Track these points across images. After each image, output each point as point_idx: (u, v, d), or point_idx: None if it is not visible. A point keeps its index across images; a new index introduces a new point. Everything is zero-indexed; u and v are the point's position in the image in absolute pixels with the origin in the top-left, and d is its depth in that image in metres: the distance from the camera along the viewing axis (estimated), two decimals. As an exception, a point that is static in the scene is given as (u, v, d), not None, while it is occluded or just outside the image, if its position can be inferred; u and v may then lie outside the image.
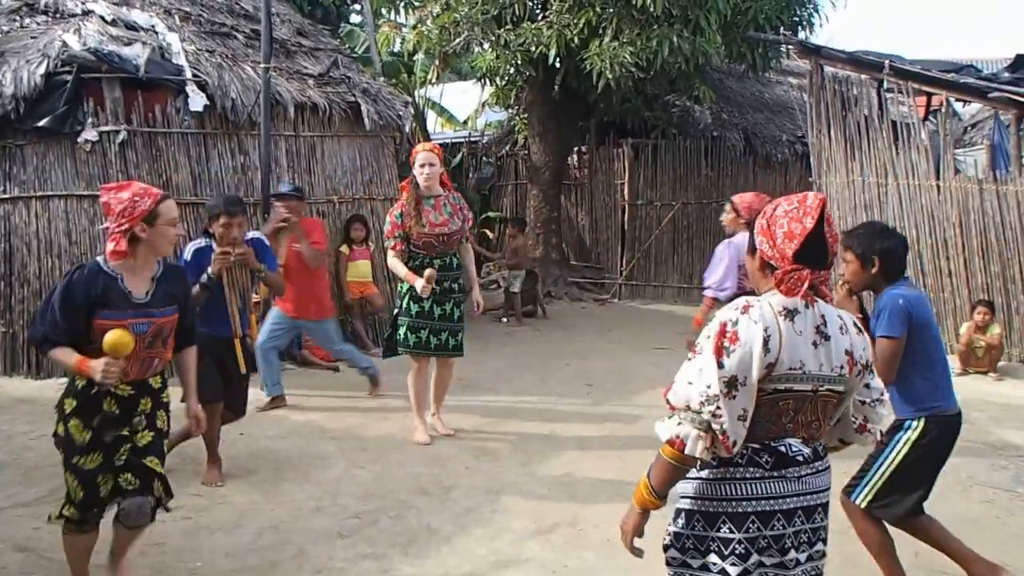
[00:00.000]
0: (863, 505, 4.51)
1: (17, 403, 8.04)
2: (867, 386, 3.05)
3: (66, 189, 8.98)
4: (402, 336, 6.91)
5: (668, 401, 2.83)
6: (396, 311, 7.04)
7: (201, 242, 6.11)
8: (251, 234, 6.26)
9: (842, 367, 2.88)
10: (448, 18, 13.16)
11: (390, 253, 6.89)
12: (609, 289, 15.62)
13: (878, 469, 4.48)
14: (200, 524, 5.42)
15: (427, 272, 6.65)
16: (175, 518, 5.46)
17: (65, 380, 5.04)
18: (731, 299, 7.39)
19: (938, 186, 11.13)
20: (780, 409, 2.83)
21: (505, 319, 12.87)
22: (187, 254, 6.06)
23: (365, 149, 11.18)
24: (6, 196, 9.09)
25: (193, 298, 5.75)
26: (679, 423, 2.81)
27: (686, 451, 2.79)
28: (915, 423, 4.46)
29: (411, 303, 6.86)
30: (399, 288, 7.08)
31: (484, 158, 17.84)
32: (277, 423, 7.54)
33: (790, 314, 2.82)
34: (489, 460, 6.70)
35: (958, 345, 10.11)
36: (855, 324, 2.97)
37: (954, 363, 10.01)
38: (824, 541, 3.01)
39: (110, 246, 4.01)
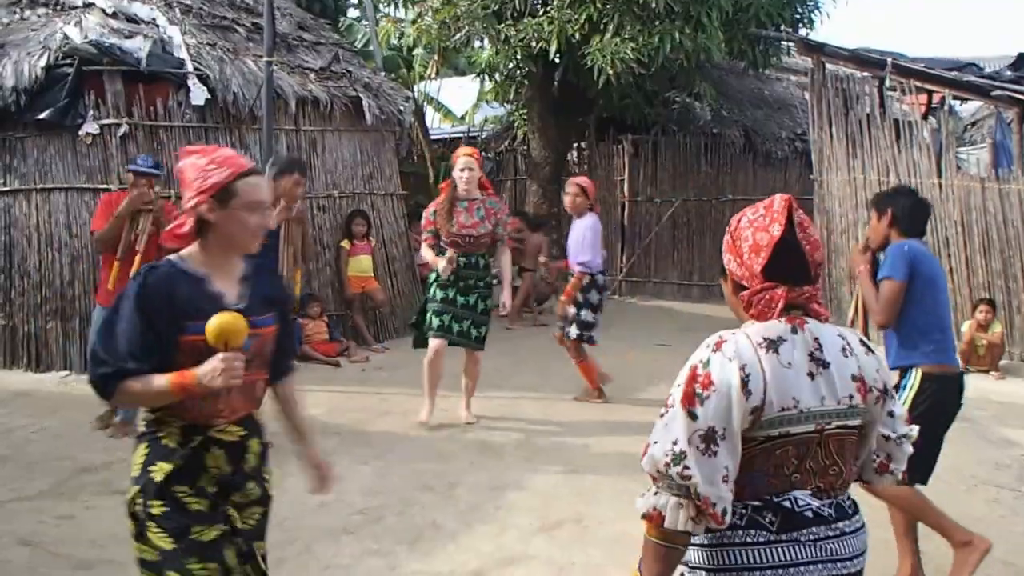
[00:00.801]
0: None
1: (17, 396, 8.02)
2: (891, 415, 2.51)
3: (67, 182, 8.95)
4: (428, 321, 7.27)
5: (644, 469, 2.34)
6: (426, 298, 7.44)
7: None
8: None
9: (851, 396, 2.37)
10: (448, 13, 13.12)
11: (422, 245, 7.42)
12: (609, 286, 15.57)
13: None
14: (204, 519, 5.39)
15: (448, 254, 7.06)
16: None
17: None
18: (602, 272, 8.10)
19: (940, 184, 11.13)
20: (779, 459, 2.33)
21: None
22: None
23: (366, 144, 11.15)
24: (6, 189, 9.07)
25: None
26: (655, 492, 2.31)
27: (666, 525, 2.28)
28: (912, 376, 4.50)
29: (437, 290, 7.26)
30: (427, 277, 7.51)
31: (483, 153, 17.78)
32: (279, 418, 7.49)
33: (773, 344, 2.33)
34: (493, 457, 6.69)
35: (960, 343, 10.10)
36: (862, 343, 2.48)
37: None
38: None
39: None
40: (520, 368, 9.58)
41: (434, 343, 7.25)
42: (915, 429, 2.61)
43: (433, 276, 7.29)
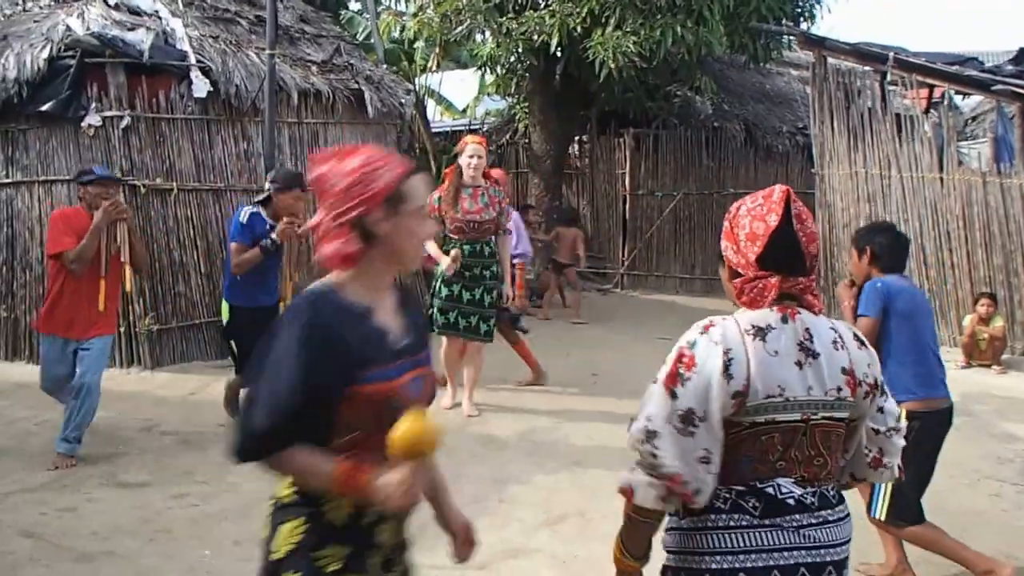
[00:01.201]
0: (883, 519, 4.55)
1: (18, 388, 8.02)
2: (880, 410, 2.54)
3: (69, 174, 8.89)
4: (433, 316, 7.28)
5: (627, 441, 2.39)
6: (431, 293, 7.47)
7: (253, 208, 6.45)
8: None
9: (839, 389, 2.38)
10: (450, 6, 13.08)
11: None
12: (611, 279, 15.61)
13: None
14: (207, 512, 5.40)
15: (452, 252, 7.06)
16: (182, 506, 5.47)
17: None
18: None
19: (941, 179, 11.12)
20: (765, 445, 2.34)
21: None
22: (242, 216, 6.36)
23: (368, 136, 11.12)
24: (9, 180, 9.08)
25: (248, 262, 6.20)
26: (633, 468, 2.37)
27: (635, 501, 2.36)
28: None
29: (442, 287, 7.29)
30: (432, 271, 7.49)
31: (485, 147, 17.78)
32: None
33: (760, 332, 2.35)
34: (495, 450, 6.70)
35: (962, 337, 10.12)
36: (856, 337, 2.50)
37: (958, 356, 10.02)
38: None
39: (330, 248, 2.33)
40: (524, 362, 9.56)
41: (444, 343, 7.35)
42: (903, 420, 2.63)
43: (439, 270, 7.31)
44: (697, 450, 2.28)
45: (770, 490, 2.35)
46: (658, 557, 2.53)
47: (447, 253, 7.13)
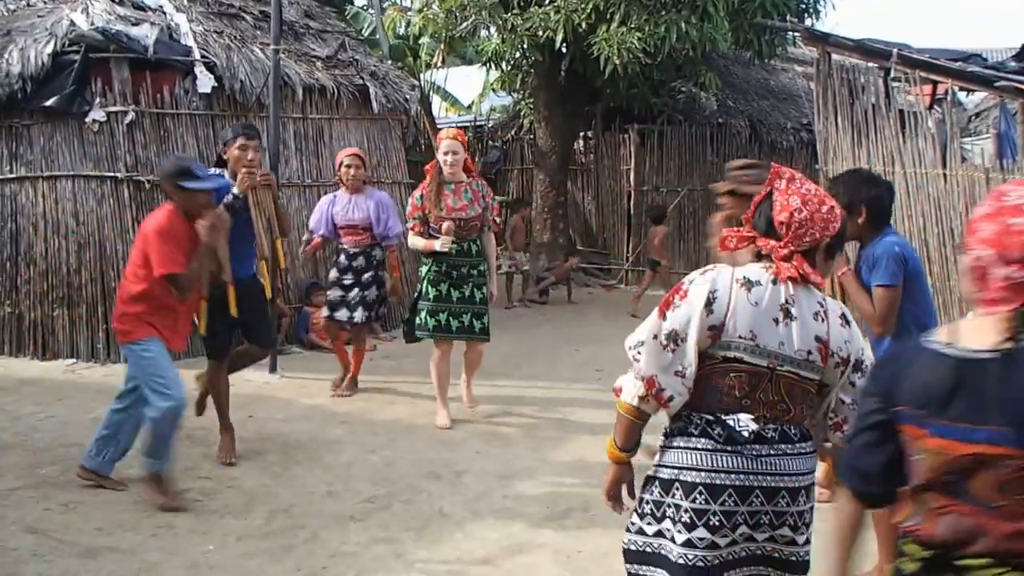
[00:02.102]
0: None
1: (23, 384, 8.04)
2: (852, 384, 2.87)
3: (73, 170, 8.95)
4: (422, 320, 7.01)
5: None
6: (416, 295, 7.20)
7: (213, 170, 6.09)
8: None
9: (809, 352, 2.79)
10: (455, 2, 13.09)
11: (410, 233, 7.06)
12: (615, 275, 15.60)
13: None
14: (210, 508, 5.41)
15: (445, 225, 6.83)
16: (185, 501, 5.46)
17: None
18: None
19: (945, 175, 11.09)
20: (732, 382, 2.80)
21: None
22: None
23: (373, 132, 11.13)
24: (13, 176, 9.08)
25: (218, 222, 5.59)
26: (627, 373, 2.92)
27: (622, 397, 2.91)
28: None
29: (429, 287, 6.99)
30: (419, 272, 7.27)
31: (489, 142, 17.79)
32: (286, 407, 7.53)
33: (748, 283, 2.80)
34: (500, 445, 6.70)
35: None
36: (843, 316, 2.88)
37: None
38: (793, 528, 2.81)
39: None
40: (529, 357, 9.58)
41: (436, 350, 7.09)
42: None
43: (424, 271, 7.07)
44: (676, 364, 2.78)
45: (731, 422, 2.79)
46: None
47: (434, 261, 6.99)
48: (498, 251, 8.14)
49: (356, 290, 7.70)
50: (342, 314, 7.76)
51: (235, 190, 5.89)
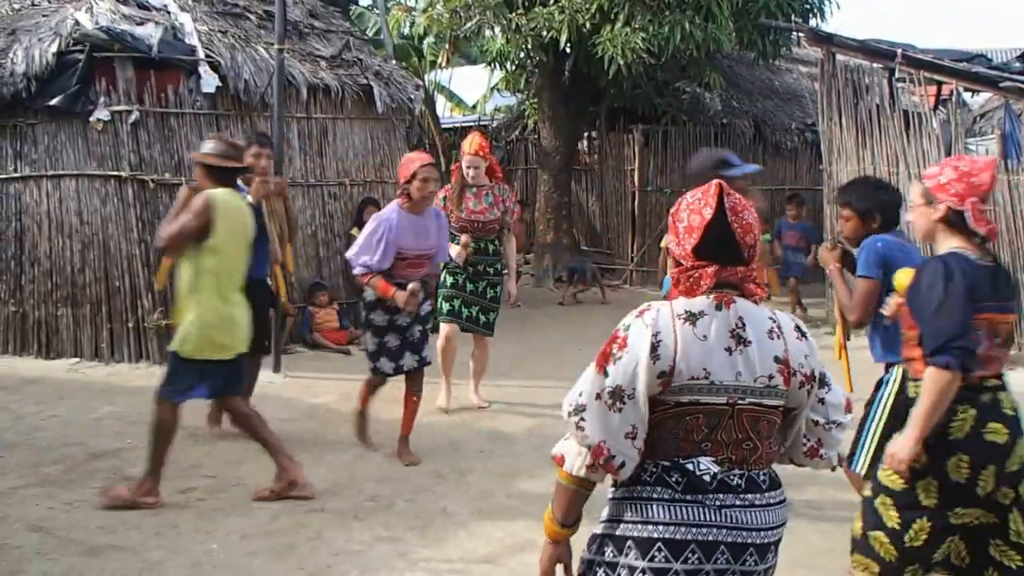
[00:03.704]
0: (861, 472, 4.43)
1: (27, 383, 8.04)
2: (821, 402, 2.65)
3: (77, 169, 8.95)
4: (439, 305, 7.33)
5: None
6: (436, 284, 7.38)
7: None
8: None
9: (771, 376, 2.48)
10: (459, 2, 13.10)
11: None
12: (620, 275, 15.59)
13: (868, 432, 4.42)
14: (214, 506, 5.41)
15: (463, 238, 7.17)
16: (189, 500, 5.48)
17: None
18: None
19: (950, 175, 11.06)
20: (689, 425, 2.46)
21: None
22: None
23: (377, 132, 11.13)
24: (17, 175, 9.08)
25: None
26: (567, 437, 2.56)
27: (564, 468, 2.53)
28: (893, 373, 4.41)
29: (446, 276, 7.34)
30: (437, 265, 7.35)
31: (494, 142, 17.79)
32: (289, 406, 7.52)
33: (692, 317, 2.46)
34: (504, 444, 6.70)
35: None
36: (797, 328, 2.59)
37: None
38: None
39: None
40: (532, 356, 9.59)
41: (445, 327, 7.34)
42: (847, 416, 2.73)
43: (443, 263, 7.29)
44: (624, 425, 2.42)
45: (690, 466, 2.45)
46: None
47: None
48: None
49: (416, 328, 6.22)
50: (386, 364, 6.24)
51: (250, 198, 5.99)
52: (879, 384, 4.47)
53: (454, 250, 7.09)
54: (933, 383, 3.33)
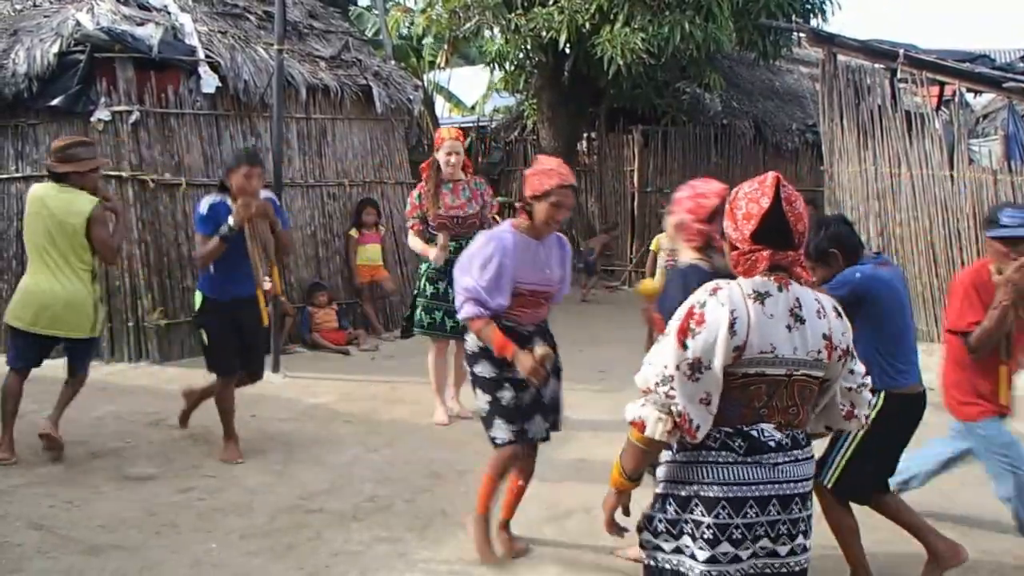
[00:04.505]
0: (830, 486, 4.48)
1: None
2: (851, 372, 2.98)
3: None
4: (418, 316, 7.08)
5: (637, 384, 2.82)
6: (415, 292, 7.23)
7: (216, 197, 6.04)
8: (263, 194, 6.15)
9: (819, 351, 2.81)
10: (458, 2, 13.11)
11: (410, 233, 7.16)
12: (619, 276, 15.60)
13: (840, 449, 4.47)
14: (214, 506, 5.41)
15: (440, 240, 6.86)
16: (189, 499, 5.48)
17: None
18: None
19: (952, 176, 11.08)
20: (752, 394, 2.78)
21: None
22: (202, 207, 5.96)
23: (376, 132, 11.15)
24: (19, 175, 9.10)
25: (209, 253, 5.81)
26: (643, 404, 2.80)
27: (646, 433, 2.77)
28: (873, 400, 4.42)
29: (427, 284, 7.04)
30: (418, 270, 7.28)
31: (492, 143, 17.79)
32: (289, 406, 7.53)
33: (760, 297, 2.76)
34: (502, 445, 6.68)
35: (970, 335, 10.05)
36: (835, 308, 2.91)
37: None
38: (805, 534, 2.91)
39: None
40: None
41: (433, 347, 7.13)
42: (868, 378, 3.04)
43: (423, 268, 7.10)
44: (700, 393, 2.71)
45: (754, 433, 2.80)
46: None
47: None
48: None
49: (547, 389, 4.99)
50: (504, 430, 4.67)
51: (231, 222, 5.83)
52: None
53: (431, 252, 6.85)
54: None
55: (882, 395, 4.43)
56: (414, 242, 7.12)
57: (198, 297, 6.24)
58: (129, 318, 8.82)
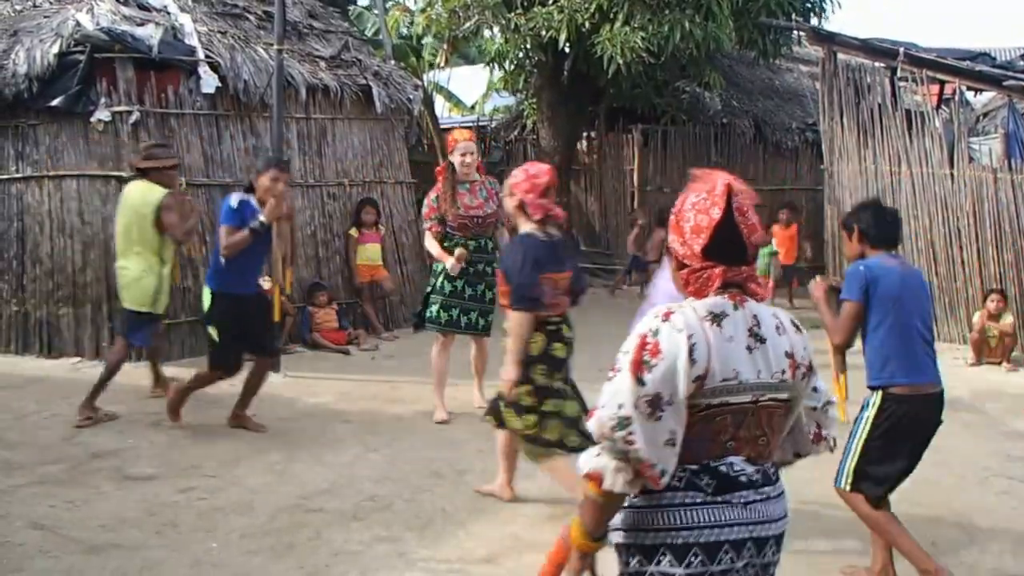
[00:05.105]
0: (847, 488, 4.49)
1: (29, 382, 8.06)
2: (815, 389, 2.68)
3: (79, 169, 8.96)
4: (434, 313, 7.18)
5: (591, 431, 2.47)
6: (429, 289, 7.34)
7: (243, 195, 6.53)
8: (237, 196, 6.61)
9: (783, 371, 2.51)
10: (458, 2, 13.10)
11: (427, 235, 7.29)
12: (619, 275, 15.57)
13: (849, 450, 4.49)
14: (214, 505, 5.42)
15: (458, 251, 6.98)
16: (189, 499, 5.49)
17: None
18: None
19: (952, 175, 11.08)
20: (717, 426, 2.45)
21: None
22: (232, 201, 6.45)
23: (376, 132, 11.15)
24: (19, 176, 9.11)
25: (238, 243, 6.26)
26: (598, 454, 2.44)
27: (604, 486, 2.42)
28: (873, 398, 4.48)
29: (445, 282, 7.15)
30: (433, 267, 7.38)
31: (492, 143, 17.78)
32: (289, 406, 7.54)
33: (717, 318, 2.45)
34: (503, 444, 6.68)
35: (971, 334, 10.07)
36: (792, 322, 2.62)
37: (968, 353, 9.99)
38: None
39: None
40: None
41: (440, 340, 7.23)
42: (834, 396, 2.82)
43: (440, 267, 7.20)
44: (664, 433, 2.36)
45: (723, 468, 2.47)
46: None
47: (450, 252, 7.04)
48: None
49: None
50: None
51: (262, 218, 6.31)
52: (863, 406, 4.53)
53: (449, 261, 6.97)
54: (515, 322, 4.92)
55: (880, 394, 4.44)
56: (431, 245, 7.22)
57: (207, 295, 6.54)
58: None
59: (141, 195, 6.95)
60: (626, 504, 2.52)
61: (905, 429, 4.47)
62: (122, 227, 7.02)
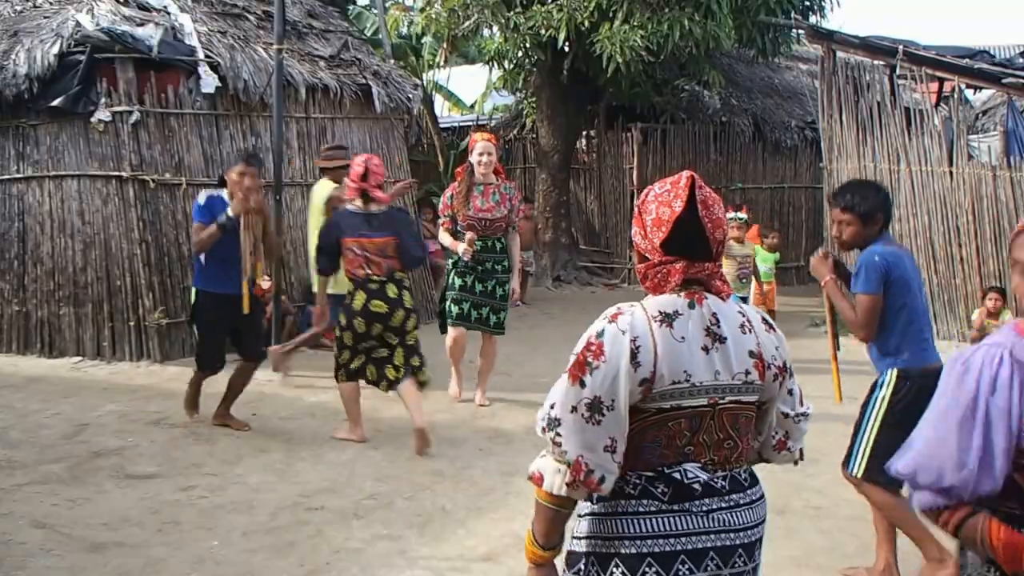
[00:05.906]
0: (860, 475, 4.39)
1: (31, 382, 8.08)
2: (790, 392, 2.55)
3: (79, 169, 8.99)
4: (447, 310, 7.45)
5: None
6: (444, 287, 7.66)
7: (213, 192, 6.62)
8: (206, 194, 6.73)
9: (748, 372, 2.39)
10: (458, 1, 13.11)
11: (440, 229, 7.60)
12: (618, 274, 15.60)
13: (863, 434, 4.41)
14: (215, 503, 5.44)
15: (468, 235, 7.22)
16: (191, 497, 5.51)
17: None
18: None
19: (951, 172, 11.09)
20: (672, 431, 2.34)
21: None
22: (200, 198, 6.56)
23: (375, 131, 11.17)
24: (20, 176, 9.14)
25: (205, 239, 6.34)
26: (543, 455, 2.39)
27: (543, 487, 2.36)
28: (887, 377, 4.40)
29: (455, 278, 7.43)
30: (444, 266, 7.66)
31: (492, 142, 17.75)
32: (289, 404, 7.56)
33: (668, 318, 2.34)
34: (503, 443, 6.72)
35: (971, 332, 10.07)
36: (764, 320, 2.50)
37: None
38: None
39: None
40: (532, 355, 9.60)
41: (452, 332, 7.43)
42: (810, 407, 2.64)
43: (451, 263, 7.46)
44: (604, 439, 2.27)
45: (677, 475, 2.34)
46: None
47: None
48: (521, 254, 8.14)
49: None
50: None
51: (229, 211, 6.37)
52: (873, 387, 4.45)
53: (460, 246, 7.19)
54: (320, 284, 6.69)
55: (895, 372, 4.38)
56: (443, 237, 7.53)
57: (193, 293, 6.74)
58: (131, 318, 8.85)
59: (318, 191, 8.09)
60: (586, 512, 2.44)
61: (921, 407, 4.44)
62: (312, 221, 8.01)
